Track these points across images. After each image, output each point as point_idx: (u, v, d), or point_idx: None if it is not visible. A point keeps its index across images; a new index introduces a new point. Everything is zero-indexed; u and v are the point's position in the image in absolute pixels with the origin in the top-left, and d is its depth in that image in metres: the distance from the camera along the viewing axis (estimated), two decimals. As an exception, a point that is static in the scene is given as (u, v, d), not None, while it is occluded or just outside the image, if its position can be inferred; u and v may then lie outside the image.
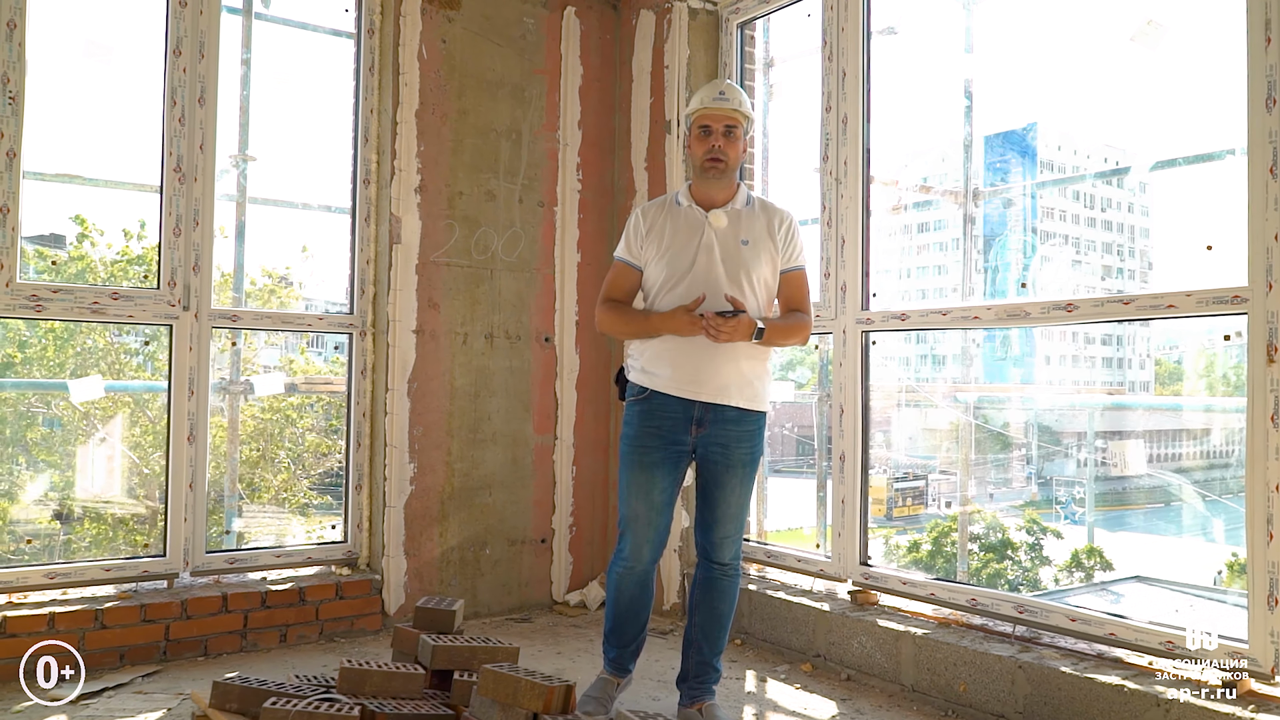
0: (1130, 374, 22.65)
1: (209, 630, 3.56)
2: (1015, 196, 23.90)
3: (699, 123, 2.88)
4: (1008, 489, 23.58)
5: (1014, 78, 33.52)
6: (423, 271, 4.05)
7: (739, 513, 2.93)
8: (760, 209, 2.97)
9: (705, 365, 2.79)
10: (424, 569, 4.04)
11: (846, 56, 3.72)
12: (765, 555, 4.05)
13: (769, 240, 2.91)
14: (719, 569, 2.95)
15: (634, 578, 2.93)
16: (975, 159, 4.98)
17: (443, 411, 4.09)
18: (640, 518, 2.88)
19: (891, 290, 26.10)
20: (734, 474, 2.87)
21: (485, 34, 4.22)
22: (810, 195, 3.94)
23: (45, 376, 7.48)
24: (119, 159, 4.55)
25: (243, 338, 4.72)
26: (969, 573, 20.47)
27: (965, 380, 6.75)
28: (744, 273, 2.85)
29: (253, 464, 9.98)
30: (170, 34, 3.65)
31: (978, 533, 22.44)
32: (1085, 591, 20.05)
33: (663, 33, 4.33)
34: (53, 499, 6.65)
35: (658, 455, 2.85)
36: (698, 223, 2.89)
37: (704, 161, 2.87)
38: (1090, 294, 19.46)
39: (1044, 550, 22.16)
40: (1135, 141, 10.22)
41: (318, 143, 4.95)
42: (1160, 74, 8.64)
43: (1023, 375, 23.84)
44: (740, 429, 2.86)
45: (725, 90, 2.88)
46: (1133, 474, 9.05)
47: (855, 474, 3.67)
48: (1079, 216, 24.32)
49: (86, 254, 7.40)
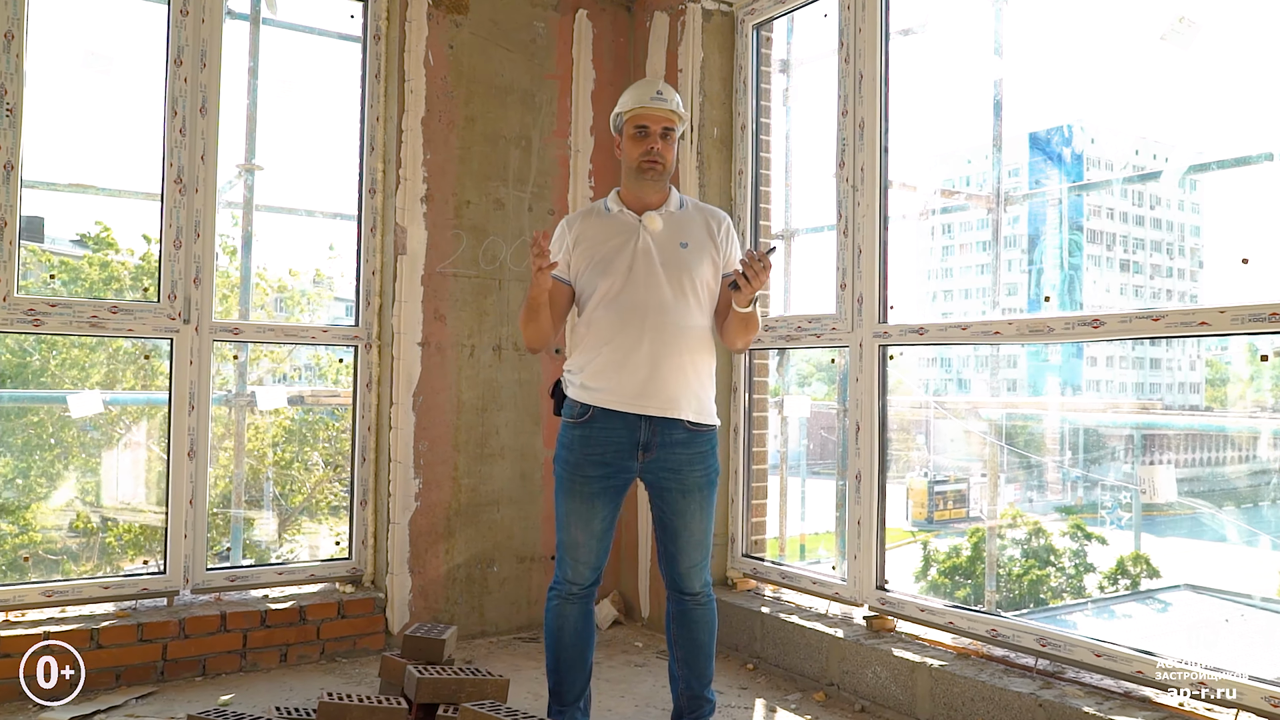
0: (1179, 375, 21.87)
1: (207, 650, 3.50)
2: (1052, 199, 23.41)
3: (634, 123, 2.71)
4: (1050, 493, 23.01)
5: (1051, 76, 32.02)
6: (429, 282, 3.96)
7: (704, 539, 2.77)
8: (695, 210, 2.82)
9: (652, 376, 2.63)
10: (429, 587, 3.95)
11: (864, 58, 3.56)
12: (780, 576, 3.91)
13: (709, 242, 2.76)
14: (690, 600, 2.80)
15: (575, 604, 2.74)
16: (1006, 161, 4.79)
17: (449, 425, 4.00)
18: (580, 545, 2.71)
19: (920, 299, 25.37)
20: (692, 500, 2.71)
21: (494, 39, 4.12)
22: (831, 203, 3.80)
23: (68, 384, 7.55)
24: (131, 169, 4.53)
25: (247, 350, 4.67)
26: (1010, 578, 19.91)
27: (1006, 383, 6.54)
28: (686, 276, 2.69)
29: (285, 464, 10.03)
30: (171, 43, 3.60)
31: (1019, 538, 21.89)
32: (1131, 599, 19.43)
33: (676, 35, 4.20)
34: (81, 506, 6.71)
35: (599, 485, 2.68)
36: (631, 227, 2.73)
37: (640, 163, 2.70)
38: (1136, 299, 18.85)
39: (1088, 557, 21.53)
40: (1175, 139, 9.89)
41: (330, 150, 4.88)
42: (1195, 72, 8.30)
43: (1066, 376, 23.10)
44: (691, 450, 2.70)
45: (663, 89, 2.72)
46: (1162, 501, 8.74)
47: (872, 494, 3.51)
48: (1127, 214, 23.54)
49: (111, 260, 7.46)
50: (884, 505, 3.53)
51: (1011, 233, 26.30)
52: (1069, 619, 16.52)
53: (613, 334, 2.67)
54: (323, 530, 8.98)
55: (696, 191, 4.08)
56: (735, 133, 4.16)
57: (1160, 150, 23.66)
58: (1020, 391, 23.63)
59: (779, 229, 4.31)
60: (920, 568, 21.23)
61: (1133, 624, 16.59)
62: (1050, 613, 18.12)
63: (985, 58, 4.70)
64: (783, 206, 4.32)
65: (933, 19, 4.97)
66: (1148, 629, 15.62)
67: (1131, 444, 18.86)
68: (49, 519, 8.43)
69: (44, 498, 7.34)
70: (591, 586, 2.78)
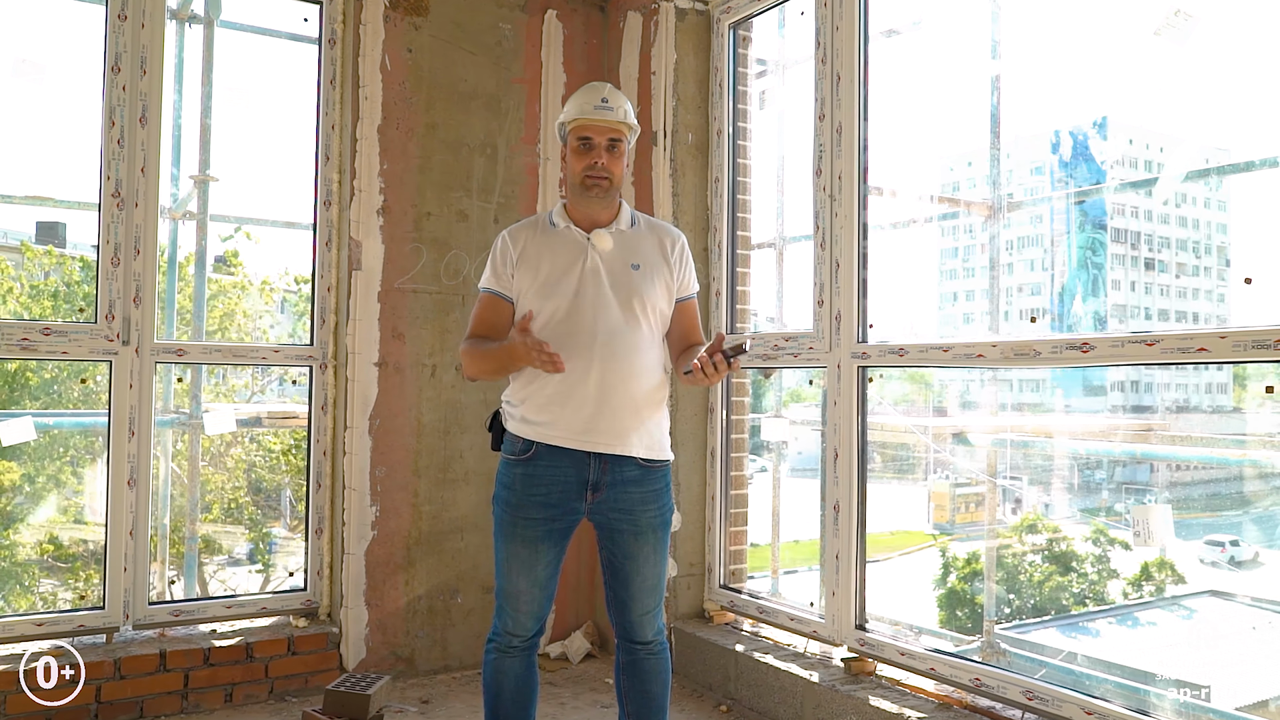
0: (1206, 375, 21.29)
1: (145, 691, 3.30)
2: (1072, 200, 22.77)
3: (577, 134, 2.48)
4: (1072, 496, 22.51)
5: (1072, 73, 31.48)
6: (386, 299, 3.75)
7: (657, 584, 2.53)
8: (648, 228, 2.58)
9: (600, 410, 2.39)
10: (388, 620, 3.74)
11: (841, 58, 3.32)
12: (758, 610, 3.67)
13: (663, 264, 2.52)
14: (642, 649, 2.55)
15: (517, 658, 2.50)
16: (1022, 162, 4.52)
17: (408, 450, 3.79)
18: (523, 594, 2.47)
19: (916, 312, 24.66)
20: (645, 542, 2.47)
21: (456, 42, 3.91)
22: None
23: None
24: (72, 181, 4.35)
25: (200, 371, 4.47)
26: (1032, 584, 19.47)
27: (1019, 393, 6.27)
28: (637, 300, 2.46)
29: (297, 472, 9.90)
30: (109, 49, 3.41)
31: (1040, 544, 21.44)
32: (1155, 606, 18.97)
33: (650, 36, 3.97)
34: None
35: (544, 529, 2.44)
36: (578, 245, 2.49)
37: (584, 179, 2.47)
38: (1162, 298, 18.41)
39: (1111, 563, 21.04)
40: (1199, 136, 9.50)
41: (291, 160, 4.70)
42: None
43: (1085, 382, 22.58)
44: (644, 489, 2.46)
45: (608, 97, 2.48)
46: (1157, 546, 8.31)
47: (851, 526, 3.27)
48: (1151, 213, 23.04)
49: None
50: (864, 538, 3.29)
51: (1033, 233, 25.85)
52: (1091, 626, 16.15)
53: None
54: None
55: (670, 201, 3.85)
56: (711, 138, 3.92)
57: (1181, 147, 23.16)
58: (1043, 392, 23.23)
59: (759, 239, 4.08)
60: (939, 574, 20.90)
61: (1157, 632, 16.20)
62: (1071, 620, 17.75)
63: (984, 57, 4.44)
64: (763, 216, 4.08)
65: (927, 16, 4.71)
66: (1172, 637, 15.22)
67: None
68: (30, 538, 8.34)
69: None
70: (534, 638, 2.55)
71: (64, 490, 10.05)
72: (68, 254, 12.24)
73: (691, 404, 3.87)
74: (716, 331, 2.37)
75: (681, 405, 3.84)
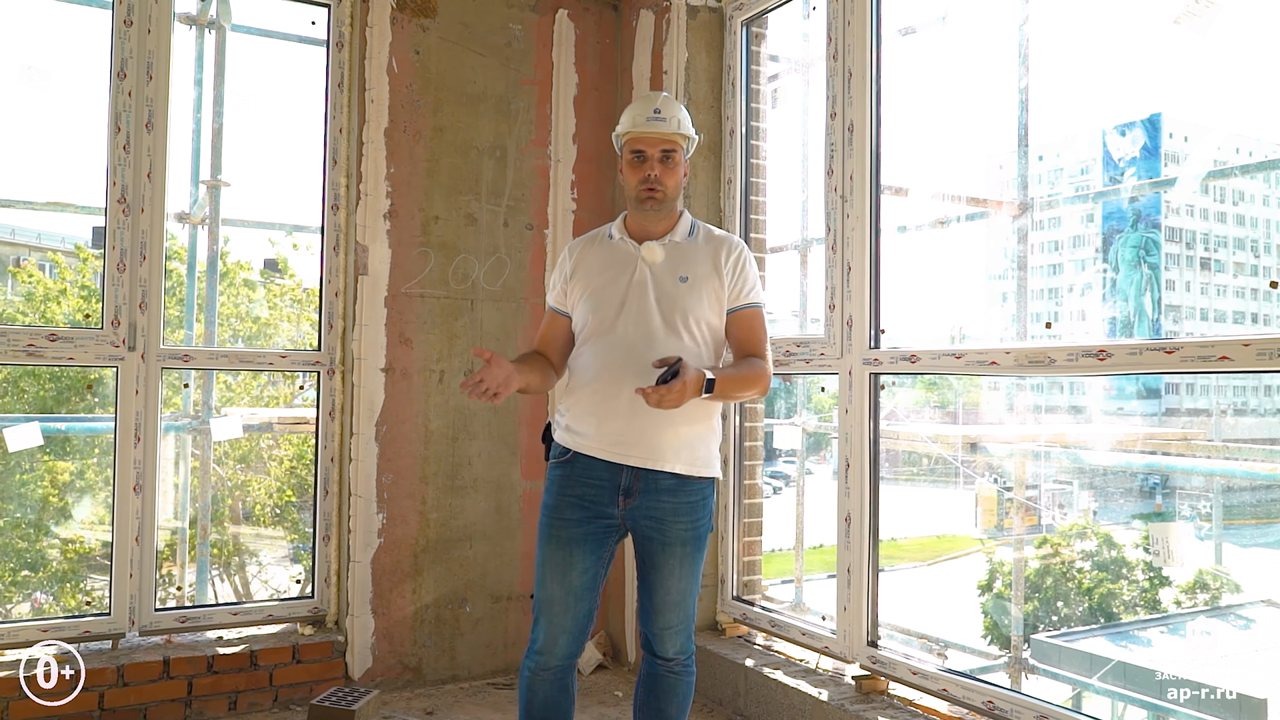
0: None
1: (148, 698, 3.29)
2: (1126, 197, 22.14)
3: (630, 147, 2.44)
4: (1124, 500, 21.99)
5: (1128, 70, 30.99)
6: (393, 304, 3.71)
7: (682, 600, 2.45)
8: (705, 240, 2.51)
9: (634, 423, 2.34)
10: (394, 629, 3.70)
11: (853, 54, 3.21)
12: (770, 624, 3.57)
13: (714, 276, 2.44)
14: (662, 665, 2.49)
15: (548, 676, 2.43)
16: (1031, 165, 4.37)
17: (416, 456, 3.75)
18: (556, 603, 2.40)
19: (933, 317, 24.12)
20: (671, 554, 2.40)
21: (465, 43, 3.86)
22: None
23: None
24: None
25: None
26: (1081, 591, 19.01)
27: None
28: (679, 315, 2.39)
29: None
30: (114, 55, 3.41)
31: (1089, 550, 20.93)
32: (1209, 615, 18.44)
33: (662, 34, 3.88)
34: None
35: (578, 530, 2.39)
36: (629, 258, 2.46)
37: (639, 192, 2.43)
38: (1219, 298, 17.90)
39: (1164, 570, 20.44)
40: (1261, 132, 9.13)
41: (302, 165, 4.69)
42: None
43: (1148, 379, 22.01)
44: (678, 500, 2.39)
45: (661, 107, 2.43)
46: (1177, 567, 7.95)
47: (863, 539, 3.16)
48: (1207, 211, 22.45)
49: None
50: (876, 551, 3.17)
51: (1084, 232, 25.25)
52: (1142, 635, 15.70)
53: (597, 373, 2.40)
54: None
55: (680, 203, 3.76)
56: (724, 138, 3.83)
57: (1244, 145, 22.50)
58: (1094, 395, 22.69)
59: (778, 242, 3.97)
60: (985, 579, 20.51)
61: (1211, 642, 15.72)
62: (1122, 629, 17.30)
63: (1012, 55, 4.29)
64: (780, 218, 3.97)
65: (953, 11, 4.57)
66: (1227, 647, 14.75)
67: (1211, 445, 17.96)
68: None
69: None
70: (569, 658, 2.45)
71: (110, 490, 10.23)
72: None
73: (703, 411, 3.77)
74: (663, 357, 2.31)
75: (693, 412, 3.74)
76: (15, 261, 12.59)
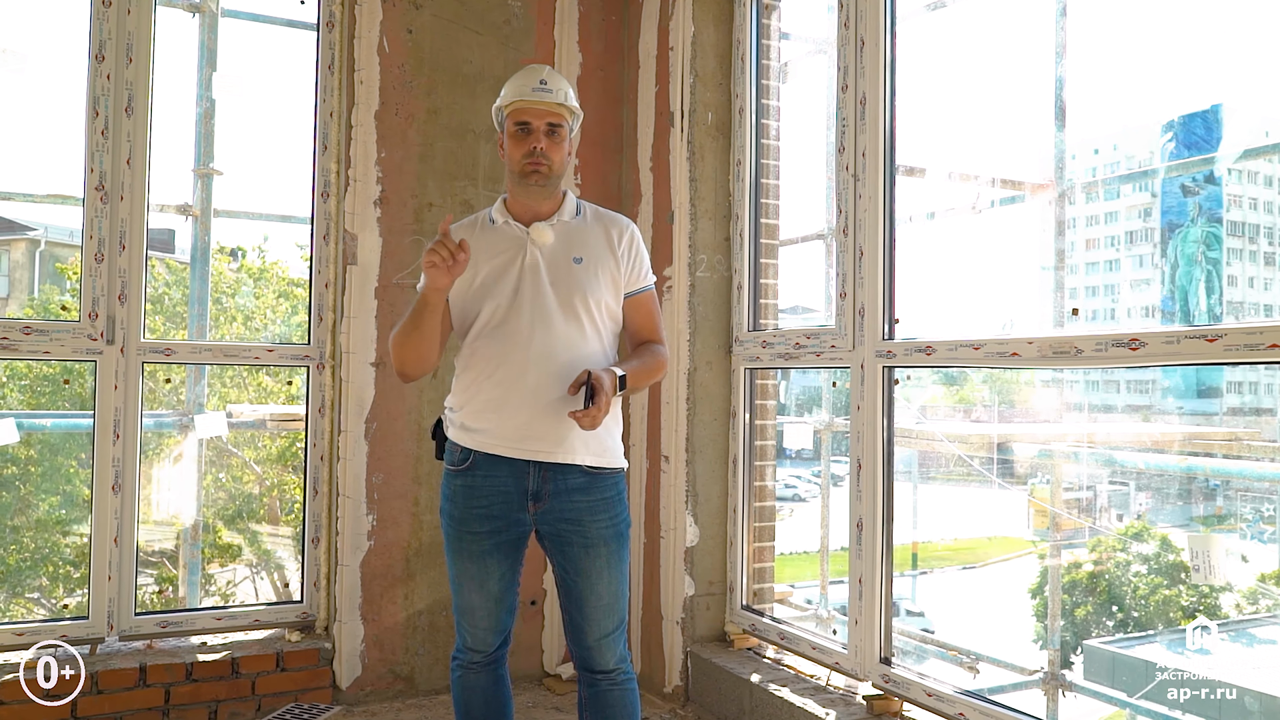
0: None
1: (123, 707, 3.15)
2: (1188, 189, 21.44)
3: (514, 118, 2.26)
4: (1183, 503, 21.27)
5: (1191, 54, 30.27)
6: (383, 295, 3.54)
7: (614, 603, 2.26)
8: (594, 219, 2.35)
9: (538, 416, 2.18)
10: (385, 636, 3.52)
11: (865, 21, 2.96)
12: (779, 636, 3.33)
13: (609, 256, 2.30)
14: (604, 679, 2.28)
15: (483, 673, 2.35)
16: (1068, 145, 4.08)
17: (408, 455, 3.57)
18: (477, 609, 2.30)
19: (1022, 306, 23.63)
20: (597, 555, 2.23)
21: (461, 21, 3.67)
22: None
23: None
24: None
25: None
26: (1135, 597, 18.44)
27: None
28: (579, 298, 2.23)
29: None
30: (93, 37, 3.27)
31: (1147, 553, 20.27)
32: (1271, 623, 17.73)
33: (668, 9, 3.66)
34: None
35: (490, 542, 2.24)
36: (517, 241, 2.28)
37: (523, 166, 2.24)
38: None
39: (1201, 584, 19.70)
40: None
41: (294, 151, 4.55)
42: None
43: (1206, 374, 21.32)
44: (592, 498, 2.23)
45: (548, 78, 2.26)
46: (1220, 583, 7.41)
47: (875, 547, 2.91)
48: (1271, 204, 21.63)
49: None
50: (890, 560, 2.92)
51: (1144, 226, 24.47)
52: (1201, 642, 15.12)
53: (494, 366, 2.23)
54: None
55: (687, 187, 3.54)
56: (733, 117, 3.59)
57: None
58: (1152, 394, 21.97)
59: (787, 226, 3.73)
60: (1036, 583, 19.95)
61: (1275, 650, 15.10)
62: (1179, 635, 16.68)
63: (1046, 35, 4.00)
64: (792, 201, 3.73)
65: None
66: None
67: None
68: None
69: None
70: (499, 650, 2.38)
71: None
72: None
73: (710, 407, 3.55)
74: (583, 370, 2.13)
75: (699, 408, 3.52)
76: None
